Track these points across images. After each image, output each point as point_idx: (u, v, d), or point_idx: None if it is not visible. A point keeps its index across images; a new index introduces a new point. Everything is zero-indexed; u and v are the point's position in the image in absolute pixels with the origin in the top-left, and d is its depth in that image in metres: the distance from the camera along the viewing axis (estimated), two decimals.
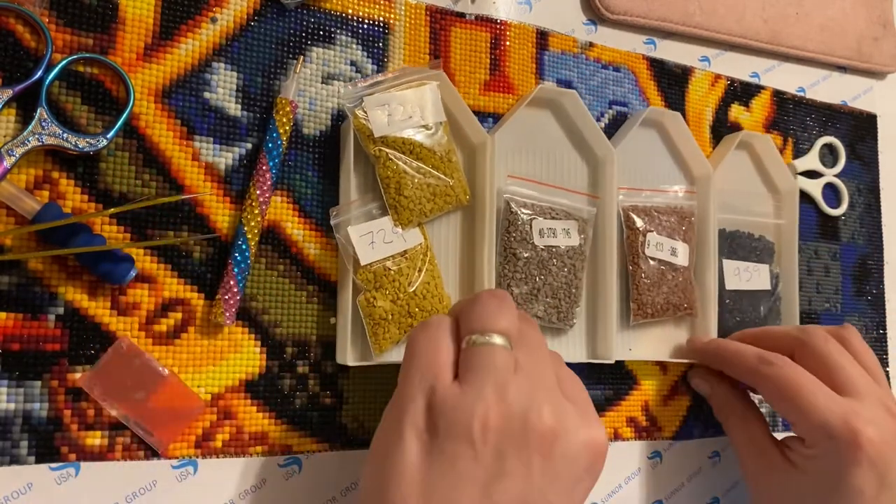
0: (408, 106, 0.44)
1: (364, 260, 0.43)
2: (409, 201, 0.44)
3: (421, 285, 0.44)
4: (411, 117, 0.44)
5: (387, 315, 0.43)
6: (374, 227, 0.43)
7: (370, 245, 0.43)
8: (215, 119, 0.43)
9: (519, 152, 0.51)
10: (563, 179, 0.52)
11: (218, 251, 0.42)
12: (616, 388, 0.54)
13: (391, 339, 0.44)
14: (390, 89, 0.44)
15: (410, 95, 0.44)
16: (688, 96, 0.59)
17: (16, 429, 0.37)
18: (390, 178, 0.44)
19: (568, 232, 0.50)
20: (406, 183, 0.44)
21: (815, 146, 0.64)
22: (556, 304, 0.49)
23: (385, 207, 0.44)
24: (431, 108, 0.45)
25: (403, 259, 0.44)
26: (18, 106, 0.39)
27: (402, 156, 0.44)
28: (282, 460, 0.43)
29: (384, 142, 0.44)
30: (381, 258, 0.43)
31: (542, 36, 0.54)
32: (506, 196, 0.49)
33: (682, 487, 0.56)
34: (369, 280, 0.43)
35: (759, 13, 0.62)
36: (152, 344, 0.41)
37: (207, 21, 0.43)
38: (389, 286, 0.43)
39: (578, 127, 0.53)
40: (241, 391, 0.42)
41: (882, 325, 0.67)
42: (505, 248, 0.48)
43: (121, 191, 0.40)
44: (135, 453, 0.40)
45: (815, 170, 0.64)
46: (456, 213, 0.48)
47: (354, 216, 0.44)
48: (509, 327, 0.36)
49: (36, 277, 0.38)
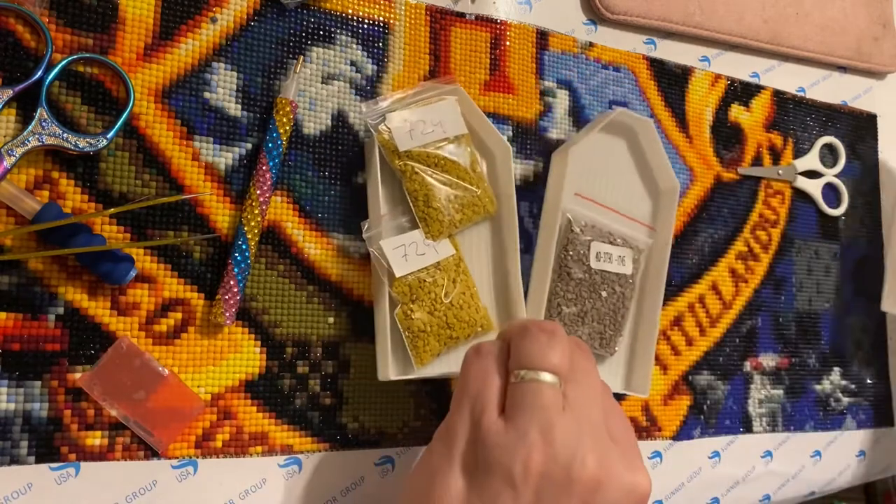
0: (429, 120, 0.45)
1: (399, 272, 0.43)
2: (438, 213, 0.44)
3: (457, 296, 0.45)
4: (433, 131, 0.45)
5: (425, 327, 0.43)
6: (406, 239, 0.44)
7: (403, 258, 0.43)
8: (215, 119, 0.43)
9: (586, 173, 0.51)
10: (625, 206, 0.53)
11: (218, 251, 0.42)
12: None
13: (431, 351, 0.44)
14: (411, 105, 0.45)
15: (431, 110, 0.45)
16: (688, 96, 0.59)
17: (16, 429, 0.37)
18: (418, 190, 0.44)
19: (623, 259, 0.50)
20: (434, 195, 0.44)
21: (815, 146, 0.64)
22: (600, 330, 0.50)
23: (415, 220, 0.45)
24: (452, 122, 0.46)
25: (437, 270, 0.44)
26: (18, 106, 0.39)
27: (427, 168, 0.44)
28: (282, 460, 0.43)
29: (409, 156, 0.44)
30: (415, 270, 0.44)
31: (542, 36, 0.54)
32: (568, 214, 0.50)
33: (682, 487, 0.56)
34: (405, 293, 0.43)
35: (759, 13, 0.62)
36: (152, 344, 0.41)
37: (207, 21, 0.43)
38: (425, 298, 0.44)
39: (647, 156, 0.53)
40: (241, 391, 0.42)
41: (882, 325, 0.67)
42: (560, 266, 0.49)
43: (121, 191, 0.40)
44: (135, 453, 0.40)
45: (816, 170, 0.64)
46: (484, 223, 0.48)
47: (385, 229, 0.44)
48: (559, 364, 0.35)
49: (36, 277, 0.38)
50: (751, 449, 0.60)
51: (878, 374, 0.67)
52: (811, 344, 0.63)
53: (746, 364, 0.60)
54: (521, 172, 0.52)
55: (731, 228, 0.61)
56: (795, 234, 0.64)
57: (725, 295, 0.60)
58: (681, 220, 0.58)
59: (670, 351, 0.56)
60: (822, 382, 0.64)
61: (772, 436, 0.60)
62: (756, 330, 0.61)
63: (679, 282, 0.57)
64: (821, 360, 0.64)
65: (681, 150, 0.59)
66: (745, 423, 0.59)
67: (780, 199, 0.63)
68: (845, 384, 0.65)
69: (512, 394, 0.35)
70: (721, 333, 0.59)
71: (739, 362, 0.60)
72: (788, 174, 0.63)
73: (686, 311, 0.58)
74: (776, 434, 0.61)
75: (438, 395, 0.47)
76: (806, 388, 0.63)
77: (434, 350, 0.44)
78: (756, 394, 0.60)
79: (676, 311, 0.57)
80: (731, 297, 0.60)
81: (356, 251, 0.46)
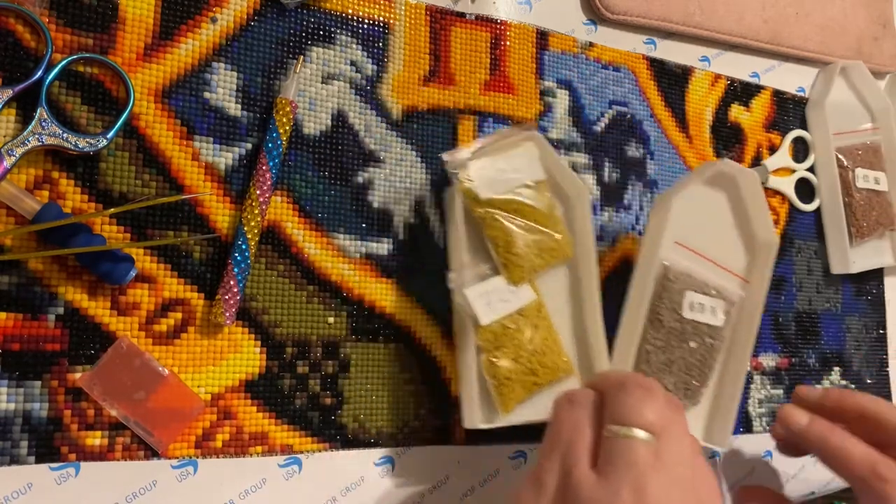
0: (508, 167, 0.45)
1: (484, 320, 0.43)
2: (518, 258, 0.44)
3: (539, 341, 0.45)
4: (512, 178, 0.45)
5: (510, 374, 0.44)
6: (489, 286, 0.44)
7: (487, 305, 0.43)
8: (215, 119, 0.43)
9: (685, 221, 0.51)
10: (721, 256, 0.52)
11: (218, 251, 0.42)
12: None
13: (516, 398, 0.44)
14: (490, 153, 0.45)
15: (510, 157, 0.46)
16: (688, 96, 0.59)
17: (16, 429, 0.37)
18: (498, 237, 0.44)
19: (715, 311, 0.50)
20: (514, 241, 0.44)
21: (785, 140, 0.64)
22: (686, 381, 0.50)
23: (495, 267, 0.45)
24: (530, 167, 0.46)
25: (520, 317, 0.45)
26: (18, 106, 0.39)
27: (507, 215, 0.45)
28: (282, 460, 0.43)
29: (489, 203, 0.44)
30: (499, 317, 0.44)
31: (542, 36, 0.54)
32: (665, 262, 0.50)
33: None
34: (490, 340, 0.44)
35: (759, 13, 0.62)
36: (152, 344, 0.41)
37: (207, 21, 0.43)
38: (509, 344, 0.44)
39: (747, 207, 0.52)
40: (241, 391, 0.42)
41: (882, 325, 0.67)
42: (652, 312, 0.49)
43: (121, 191, 0.40)
44: (135, 453, 0.40)
45: (787, 166, 0.64)
46: (563, 266, 0.48)
47: (468, 277, 0.44)
48: (655, 422, 0.35)
49: (36, 277, 0.38)
50: (751, 449, 0.59)
51: (878, 374, 0.67)
52: (811, 344, 0.63)
53: None
54: None
55: None
56: (795, 234, 0.64)
57: None
58: None
59: None
60: (821, 382, 0.64)
61: None
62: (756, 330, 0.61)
63: None
64: (821, 360, 0.64)
65: (681, 150, 0.59)
66: (745, 423, 0.59)
67: (781, 199, 0.63)
68: (845, 384, 0.65)
69: (605, 448, 0.35)
70: None
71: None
72: (761, 175, 0.61)
73: None
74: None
75: (438, 395, 0.48)
76: None
77: (519, 397, 0.44)
78: (756, 394, 0.60)
79: None
80: None
81: (356, 251, 0.46)
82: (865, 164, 0.65)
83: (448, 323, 0.48)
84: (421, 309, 0.48)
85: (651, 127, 0.57)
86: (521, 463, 0.50)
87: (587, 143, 0.54)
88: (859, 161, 0.65)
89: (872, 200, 0.64)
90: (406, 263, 0.47)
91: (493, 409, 0.45)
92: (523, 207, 0.45)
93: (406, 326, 0.47)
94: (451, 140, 0.50)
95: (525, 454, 0.50)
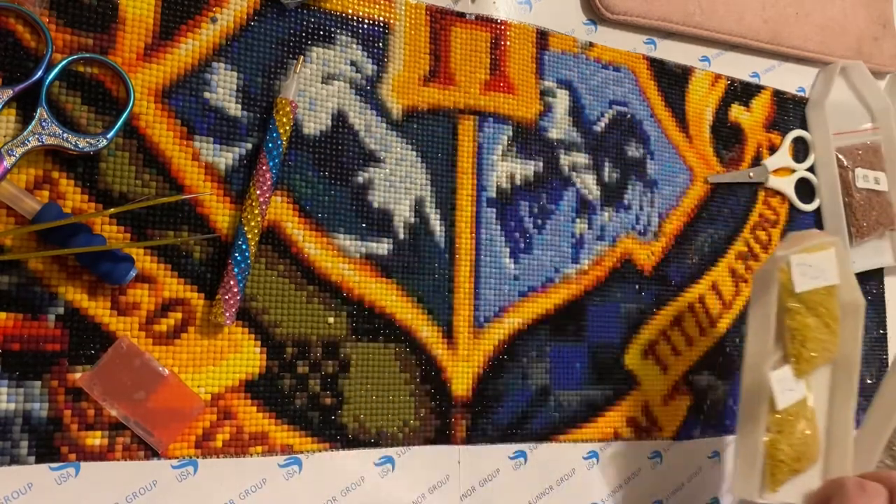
0: (816, 266, 0.49)
1: (780, 405, 0.47)
2: (808, 353, 0.48)
3: (808, 432, 0.48)
4: (817, 277, 0.49)
5: (784, 457, 0.47)
6: (783, 374, 0.48)
7: (781, 392, 0.47)
8: (215, 119, 0.43)
9: None
10: None
11: (218, 251, 0.42)
12: (616, 389, 0.54)
13: (782, 479, 0.47)
14: (801, 252, 0.48)
15: (818, 258, 0.49)
16: (688, 96, 0.59)
17: (16, 429, 0.37)
18: (797, 329, 0.48)
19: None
20: (809, 336, 0.48)
21: (785, 141, 0.64)
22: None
23: (781, 356, 0.48)
24: (830, 271, 0.49)
25: (798, 407, 0.48)
26: (18, 106, 0.39)
27: (807, 311, 0.48)
28: (282, 460, 0.43)
29: (799, 297, 0.48)
30: (788, 405, 0.48)
31: (542, 36, 0.54)
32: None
33: (682, 487, 0.56)
34: (777, 424, 0.47)
35: (759, 13, 0.62)
36: (152, 344, 0.41)
37: (207, 21, 0.43)
38: (788, 431, 0.48)
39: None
40: (241, 391, 0.42)
41: (882, 325, 0.67)
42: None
43: (121, 191, 0.40)
44: (135, 453, 0.40)
45: (787, 166, 0.63)
46: (827, 365, 0.51)
47: (770, 361, 0.48)
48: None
49: (36, 277, 0.38)
50: None
51: (878, 374, 0.67)
52: None
53: None
54: (521, 172, 0.52)
55: (731, 228, 0.61)
56: None
57: (725, 295, 0.60)
58: (681, 220, 0.58)
59: (670, 351, 0.56)
60: None
61: None
62: None
63: (679, 282, 0.57)
64: None
65: (681, 150, 0.59)
66: None
67: (781, 199, 0.63)
68: None
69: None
70: (721, 333, 0.59)
71: (739, 362, 0.60)
72: (760, 175, 0.62)
73: (686, 311, 0.58)
74: None
75: (438, 395, 0.48)
76: None
77: (783, 479, 0.47)
78: None
79: (676, 311, 0.57)
80: (731, 297, 0.60)
81: (356, 251, 0.46)
82: (865, 164, 0.65)
83: (448, 323, 0.48)
84: (421, 309, 0.48)
85: (651, 127, 0.57)
86: (521, 463, 0.50)
87: (587, 143, 0.55)
88: (859, 161, 0.65)
89: (872, 200, 0.64)
90: (406, 263, 0.48)
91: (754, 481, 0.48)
92: (819, 308, 0.49)
93: (406, 326, 0.47)
94: (451, 140, 0.50)
95: (525, 454, 0.50)
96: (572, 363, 0.52)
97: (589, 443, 0.52)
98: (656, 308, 0.56)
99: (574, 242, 0.53)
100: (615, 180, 0.55)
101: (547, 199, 0.53)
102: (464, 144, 0.50)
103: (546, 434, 0.51)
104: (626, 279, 0.55)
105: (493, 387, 0.49)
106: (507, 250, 0.51)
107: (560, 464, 0.51)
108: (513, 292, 0.51)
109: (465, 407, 0.48)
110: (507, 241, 0.51)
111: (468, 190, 0.50)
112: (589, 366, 0.52)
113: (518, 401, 0.50)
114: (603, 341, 0.54)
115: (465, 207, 0.50)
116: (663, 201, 0.57)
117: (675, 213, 0.58)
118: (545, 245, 0.52)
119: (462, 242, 0.49)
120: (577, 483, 0.51)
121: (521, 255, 0.51)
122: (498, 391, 0.49)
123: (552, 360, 0.51)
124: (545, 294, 0.52)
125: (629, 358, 0.55)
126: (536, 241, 0.52)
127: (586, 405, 0.52)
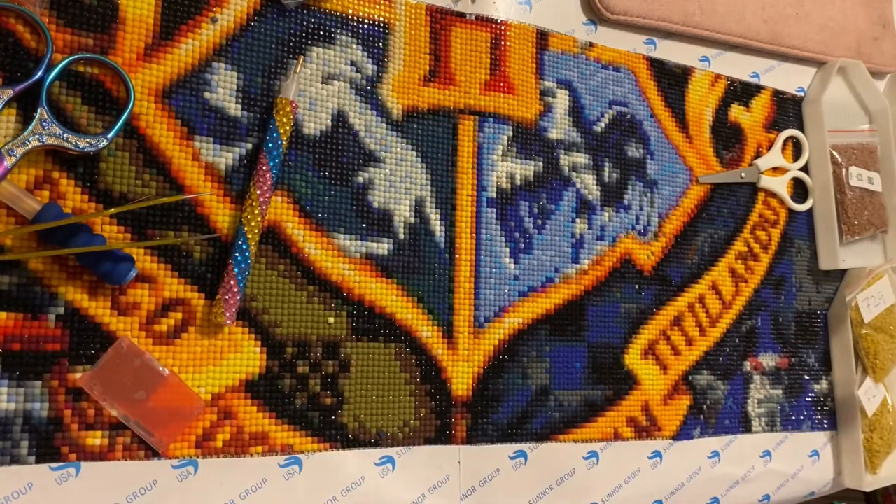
0: (877, 295, 0.64)
1: (870, 412, 0.63)
2: (881, 364, 0.63)
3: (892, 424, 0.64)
4: (879, 304, 0.65)
5: (879, 448, 0.63)
6: (866, 387, 0.63)
7: (867, 400, 0.63)
8: (215, 119, 0.43)
9: None
10: None
11: (218, 251, 0.42)
12: (616, 388, 0.54)
13: (879, 465, 0.63)
14: (863, 290, 0.63)
15: (876, 288, 0.64)
16: (688, 96, 0.59)
17: (16, 429, 0.37)
18: (869, 348, 0.63)
19: None
20: (880, 350, 0.63)
21: (777, 141, 0.63)
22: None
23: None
24: (888, 293, 0.65)
25: (881, 407, 0.63)
26: (19, 106, 0.39)
27: (874, 331, 0.64)
28: (282, 460, 0.43)
29: (867, 324, 0.64)
30: (874, 409, 0.63)
31: (542, 36, 0.54)
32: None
33: (682, 487, 0.56)
34: (869, 425, 0.63)
35: (759, 13, 0.62)
36: (152, 344, 0.41)
37: (207, 21, 0.43)
38: (878, 427, 0.63)
39: None
40: (242, 391, 0.42)
41: None
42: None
43: (121, 191, 0.40)
44: (135, 453, 0.40)
45: (780, 166, 0.63)
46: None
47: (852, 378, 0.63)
48: None
49: (36, 277, 0.38)
50: (750, 449, 0.60)
51: None
52: (811, 344, 0.64)
53: (746, 364, 0.60)
54: (521, 172, 0.52)
55: (731, 228, 0.61)
56: (795, 234, 0.64)
57: (725, 295, 0.60)
58: (681, 220, 0.58)
59: (670, 351, 0.56)
60: (820, 382, 0.64)
61: (771, 436, 0.61)
62: (756, 330, 0.61)
63: (679, 282, 0.57)
64: (820, 360, 0.64)
65: (681, 150, 0.59)
66: (744, 422, 0.59)
67: (780, 199, 0.63)
68: None
69: None
70: (721, 333, 0.59)
71: (739, 362, 0.60)
72: (751, 175, 0.62)
73: (686, 311, 0.58)
74: (775, 434, 0.61)
75: (438, 395, 0.48)
76: (805, 388, 0.63)
77: (880, 464, 0.63)
78: (755, 394, 0.60)
79: (676, 311, 0.57)
80: (731, 297, 0.60)
81: (356, 251, 0.46)
82: (860, 164, 0.65)
83: (448, 323, 0.48)
84: (421, 309, 0.48)
85: (651, 127, 0.57)
86: (521, 463, 0.50)
87: (587, 143, 0.55)
88: (854, 160, 0.65)
89: (865, 199, 0.64)
90: (406, 263, 0.48)
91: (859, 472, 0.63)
92: (884, 324, 0.65)
93: (406, 326, 0.47)
94: (451, 140, 0.50)
95: (525, 454, 0.50)
96: (572, 363, 0.52)
97: (589, 443, 0.52)
98: (656, 308, 0.56)
99: (574, 242, 0.53)
100: (615, 180, 0.55)
101: (547, 199, 0.53)
102: (464, 144, 0.50)
103: (546, 434, 0.51)
104: (626, 279, 0.55)
105: (494, 387, 0.49)
106: (507, 250, 0.51)
107: (560, 463, 0.51)
108: (513, 292, 0.51)
109: (465, 407, 0.48)
110: (507, 241, 0.51)
111: (468, 190, 0.50)
112: (589, 366, 0.52)
113: (518, 400, 0.50)
114: (603, 341, 0.54)
115: (465, 207, 0.50)
116: (663, 201, 0.57)
117: (674, 213, 0.58)
118: (545, 245, 0.52)
119: (462, 242, 0.49)
120: (577, 483, 0.51)
121: (521, 255, 0.51)
122: (498, 391, 0.49)
123: (552, 360, 0.51)
124: (545, 294, 0.52)
125: (629, 358, 0.55)
126: (536, 241, 0.52)
127: (586, 405, 0.52)
